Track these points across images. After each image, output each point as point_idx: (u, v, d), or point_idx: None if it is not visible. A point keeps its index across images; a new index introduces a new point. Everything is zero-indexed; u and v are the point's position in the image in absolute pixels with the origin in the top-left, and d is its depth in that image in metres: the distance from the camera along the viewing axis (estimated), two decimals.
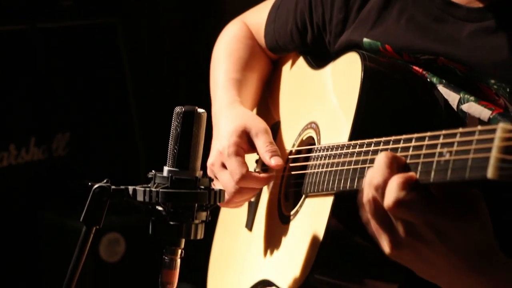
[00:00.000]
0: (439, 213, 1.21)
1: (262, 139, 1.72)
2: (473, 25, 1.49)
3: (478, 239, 1.21)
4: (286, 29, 1.84)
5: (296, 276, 1.59)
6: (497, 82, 1.46)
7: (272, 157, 1.69)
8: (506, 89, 1.45)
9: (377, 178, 1.25)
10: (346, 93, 1.59)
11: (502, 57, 1.44)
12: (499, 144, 1.13)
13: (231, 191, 1.70)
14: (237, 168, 1.69)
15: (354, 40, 1.64)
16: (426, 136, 1.28)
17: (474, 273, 1.23)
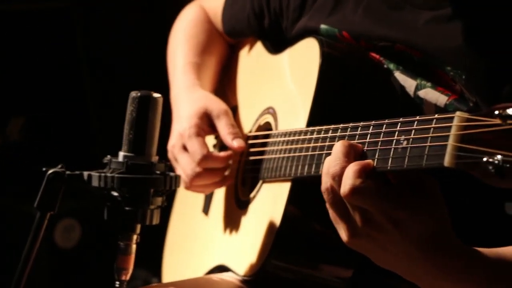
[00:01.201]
0: (396, 202, 1.21)
1: (223, 121, 1.72)
2: (429, 12, 1.50)
3: (434, 228, 1.22)
4: (243, 14, 1.83)
5: (252, 262, 1.59)
6: (453, 69, 1.47)
7: (234, 139, 1.70)
8: (462, 76, 1.46)
9: (334, 166, 1.25)
10: (304, 78, 1.59)
11: (457, 44, 1.45)
12: (456, 132, 1.13)
13: (191, 173, 1.69)
14: (198, 149, 1.69)
15: (311, 26, 1.64)
16: (384, 123, 1.29)
17: (429, 261, 1.24)
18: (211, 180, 1.72)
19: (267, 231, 1.57)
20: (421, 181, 1.22)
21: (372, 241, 1.25)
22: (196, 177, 1.70)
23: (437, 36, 1.48)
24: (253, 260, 1.59)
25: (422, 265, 1.24)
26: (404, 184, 1.23)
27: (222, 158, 1.71)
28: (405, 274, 1.28)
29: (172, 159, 1.76)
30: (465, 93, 1.47)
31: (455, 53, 1.46)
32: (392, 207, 1.21)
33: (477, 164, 1.08)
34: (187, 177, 1.71)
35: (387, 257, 1.26)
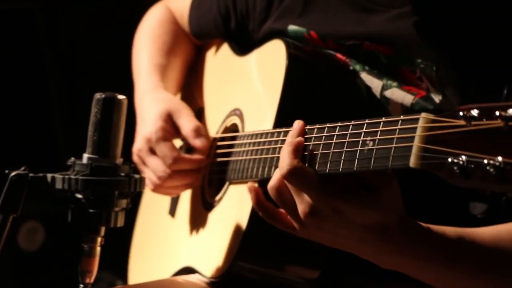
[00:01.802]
0: (339, 194, 1.25)
1: (185, 120, 1.72)
2: (396, 10, 1.51)
3: (378, 217, 1.25)
4: (210, 15, 1.82)
5: (219, 263, 1.58)
6: (423, 61, 1.48)
7: (197, 138, 1.69)
8: (432, 67, 1.47)
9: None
10: (271, 80, 1.59)
11: (425, 37, 1.46)
12: (421, 133, 1.14)
13: (162, 176, 1.69)
14: (169, 153, 1.68)
15: (278, 28, 1.64)
16: (350, 125, 1.29)
17: (377, 245, 1.27)
18: (182, 181, 1.72)
19: (234, 232, 1.57)
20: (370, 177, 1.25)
21: (320, 229, 1.28)
22: (168, 179, 1.70)
23: (406, 30, 1.49)
24: (220, 261, 1.58)
25: (369, 244, 1.28)
26: (354, 180, 1.26)
27: (193, 160, 1.70)
28: (360, 254, 1.32)
29: (138, 162, 1.75)
30: (432, 90, 1.48)
31: (423, 45, 1.47)
32: (334, 197, 1.25)
33: (442, 164, 1.08)
34: (159, 179, 1.70)
35: (339, 241, 1.30)
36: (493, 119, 1.03)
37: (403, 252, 1.29)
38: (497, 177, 1.01)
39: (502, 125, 1.02)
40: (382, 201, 1.25)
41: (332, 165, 1.29)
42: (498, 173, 1.01)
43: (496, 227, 1.34)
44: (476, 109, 1.06)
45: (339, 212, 1.26)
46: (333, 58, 1.58)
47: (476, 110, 1.06)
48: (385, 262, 1.32)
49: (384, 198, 1.25)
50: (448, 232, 1.31)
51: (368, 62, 1.54)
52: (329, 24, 1.58)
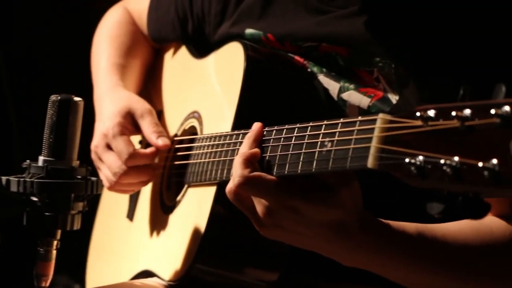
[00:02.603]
0: (297, 194, 1.26)
1: (147, 120, 1.71)
2: (351, 9, 1.51)
3: (337, 215, 1.26)
4: (167, 19, 1.82)
5: (177, 267, 1.57)
6: (382, 59, 1.48)
7: (159, 137, 1.68)
8: (391, 65, 1.47)
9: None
10: (229, 82, 1.58)
11: (383, 35, 1.47)
12: (379, 134, 1.14)
13: (119, 171, 1.67)
14: (124, 148, 1.67)
15: (235, 32, 1.65)
16: (309, 126, 1.29)
17: (338, 242, 1.29)
18: (138, 178, 1.71)
19: (192, 236, 1.56)
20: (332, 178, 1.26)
21: (280, 228, 1.29)
22: (123, 175, 1.68)
23: (362, 29, 1.49)
24: (178, 265, 1.57)
25: (335, 244, 1.29)
26: (312, 180, 1.27)
27: (149, 155, 1.69)
28: (322, 252, 1.32)
29: (95, 159, 1.74)
30: (389, 91, 1.48)
31: (381, 43, 1.47)
32: (292, 198, 1.25)
33: (399, 165, 1.08)
34: (114, 175, 1.68)
35: (300, 239, 1.30)
36: (450, 119, 1.04)
37: (364, 249, 1.30)
38: (454, 177, 1.02)
39: (459, 125, 1.03)
40: (340, 199, 1.26)
41: (291, 167, 1.29)
42: (454, 173, 1.02)
43: (458, 223, 1.36)
44: (433, 109, 1.07)
45: (298, 211, 1.26)
46: (291, 60, 1.58)
47: (433, 110, 1.07)
48: (346, 259, 1.32)
49: (342, 196, 1.26)
50: (408, 227, 1.33)
51: (326, 64, 1.55)
52: (286, 26, 1.59)
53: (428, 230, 1.33)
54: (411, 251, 1.32)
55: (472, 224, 1.36)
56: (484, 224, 1.37)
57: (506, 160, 0.97)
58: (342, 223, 1.27)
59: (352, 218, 1.27)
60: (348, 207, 1.26)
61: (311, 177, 1.27)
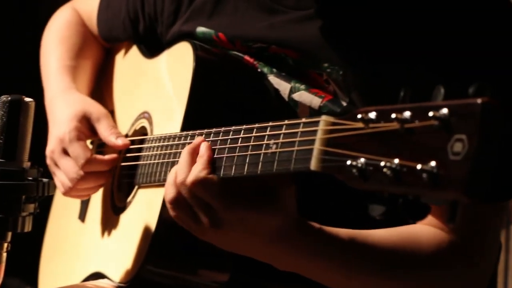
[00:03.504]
0: (241, 202, 1.27)
1: (104, 123, 1.70)
2: (303, 12, 1.52)
3: (276, 222, 1.28)
4: (118, 18, 1.81)
5: (128, 268, 1.57)
6: (330, 65, 1.49)
7: (118, 137, 1.68)
8: (339, 71, 1.48)
9: (181, 175, 1.32)
10: (179, 83, 1.58)
11: (332, 41, 1.47)
12: (322, 136, 1.15)
13: (76, 176, 1.66)
14: (82, 153, 1.66)
15: (186, 30, 1.64)
16: (254, 128, 1.29)
17: (274, 247, 1.31)
18: (94, 183, 1.70)
19: (142, 237, 1.55)
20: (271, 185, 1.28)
21: (219, 233, 1.30)
22: (80, 181, 1.67)
23: (312, 34, 1.50)
24: (129, 266, 1.57)
25: (271, 249, 1.32)
26: (254, 187, 1.28)
27: (107, 161, 1.68)
28: (259, 257, 1.35)
29: (51, 164, 1.72)
30: (339, 94, 1.49)
31: (330, 49, 1.48)
32: (237, 206, 1.27)
33: (341, 167, 1.09)
34: (71, 181, 1.67)
35: (239, 244, 1.33)
36: (390, 122, 1.05)
37: (299, 254, 1.32)
38: (394, 179, 1.03)
39: (398, 128, 1.04)
40: (281, 205, 1.27)
41: (237, 169, 1.29)
42: (394, 175, 1.03)
43: (389, 230, 1.38)
44: (374, 111, 1.08)
45: (241, 219, 1.28)
46: (241, 60, 1.58)
47: (374, 112, 1.08)
48: (281, 264, 1.34)
49: (283, 201, 1.27)
50: (341, 233, 1.35)
51: (276, 64, 1.55)
52: (237, 26, 1.59)
53: (360, 236, 1.36)
54: (343, 255, 1.34)
55: (402, 232, 1.39)
56: (413, 232, 1.40)
57: (444, 163, 0.98)
58: (281, 228, 1.28)
59: (290, 223, 1.29)
60: (287, 212, 1.28)
61: (253, 181, 1.28)
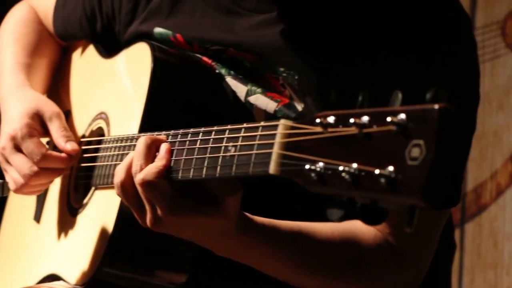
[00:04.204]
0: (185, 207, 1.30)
1: (56, 123, 1.68)
2: (261, 15, 1.52)
3: (215, 228, 1.32)
4: (75, 17, 1.79)
5: (84, 270, 1.56)
6: (286, 70, 1.49)
7: (68, 142, 1.65)
8: (295, 76, 1.48)
9: (135, 166, 1.33)
10: (137, 84, 1.57)
11: (288, 45, 1.48)
12: (281, 140, 1.15)
13: (27, 174, 1.64)
14: (36, 149, 1.63)
15: (144, 30, 1.63)
16: (213, 131, 1.29)
17: (217, 245, 1.36)
18: (48, 179, 1.68)
19: (99, 238, 1.54)
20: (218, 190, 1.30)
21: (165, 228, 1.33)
22: (33, 177, 1.65)
23: (269, 37, 1.50)
24: (85, 268, 1.56)
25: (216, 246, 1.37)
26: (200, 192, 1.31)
27: (63, 159, 1.66)
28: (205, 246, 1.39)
29: (2, 161, 1.70)
30: (295, 98, 1.50)
31: (287, 54, 1.49)
32: (181, 212, 1.30)
33: (300, 171, 1.09)
34: (24, 177, 1.65)
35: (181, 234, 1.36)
36: (348, 126, 1.05)
37: (239, 247, 1.37)
38: (352, 184, 1.03)
39: (357, 132, 1.04)
40: (226, 210, 1.30)
41: (196, 172, 1.29)
42: (352, 179, 1.03)
43: (333, 225, 1.41)
44: (333, 115, 1.08)
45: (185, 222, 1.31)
46: (199, 62, 1.58)
47: (333, 117, 1.08)
48: (222, 253, 1.39)
49: (227, 207, 1.30)
50: (285, 226, 1.39)
51: (233, 67, 1.55)
52: (194, 27, 1.58)
53: (304, 230, 1.40)
54: (287, 248, 1.39)
55: (344, 230, 1.42)
56: (354, 232, 1.44)
57: (402, 168, 0.99)
58: (222, 230, 1.32)
59: (232, 223, 1.32)
60: (231, 216, 1.31)
61: (200, 185, 1.30)
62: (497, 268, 2.90)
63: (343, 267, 1.44)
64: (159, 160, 1.33)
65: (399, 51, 1.43)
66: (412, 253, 1.47)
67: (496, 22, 2.88)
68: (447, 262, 1.70)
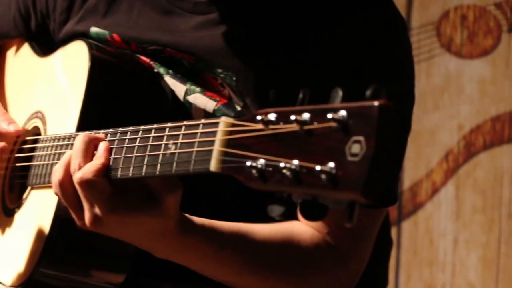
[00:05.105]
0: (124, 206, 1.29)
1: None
2: (199, 17, 1.52)
3: (153, 226, 1.31)
4: (9, 15, 1.77)
5: (20, 271, 1.54)
6: (223, 71, 1.49)
7: (10, 123, 1.63)
8: (232, 77, 1.49)
9: (74, 165, 1.33)
10: (73, 82, 1.56)
11: (226, 47, 1.48)
12: (221, 137, 1.15)
13: None
14: None
15: (80, 30, 1.62)
16: (153, 128, 1.28)
17: (155, 245, 1.36)
18: None
19: (36, 239, 1.52)
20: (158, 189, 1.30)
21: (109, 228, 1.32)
22: None
23: (207, 39, 1.50)
24: (21, 269, 1.53)
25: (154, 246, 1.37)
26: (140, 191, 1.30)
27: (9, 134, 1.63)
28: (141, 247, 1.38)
29: None
30: (233, 98, 1.50)
31: (224, 55, 1.49)
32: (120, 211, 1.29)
33: (241, 168, 1.10)
34: None
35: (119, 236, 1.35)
36: (289, 123, 1.06)
37: (183, 251, 1.37)
38: (293, 180, 1.04)
39: (298, 129, 1.05)
40: (164, 209, 1.29)
41: (135, 170, 1.28)
42: (294, 176, 1.04)
43: (272, 226, 1.42)
44: (274, 113, 1.08)
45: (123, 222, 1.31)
46: (137, 61, 1.57)
47: (274, 114, 1.08)
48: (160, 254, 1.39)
49: (166, 206, 1.29)
50: (223, 227, 1.40)
51: (172, 66, 1.55)
52: (131, 27, 1.57)
53: (242, 230, 1.41)
54: (222, 249, 1.40)
55: (283, 230, 1.44)
56: (292, 232, 1.45)
57: (342, 164, 1.00)
58: (162, 230, 1.32)
59: (171, 223, 1.32)
60: (170, 215, 1.30)
61: (140, 185, 1.29)
62: (433, 265, 2.95)
63: (283, 267, 1.45)
64: (98, 159, 1.31)
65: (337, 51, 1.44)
66: (350, 251, 1.48)
67: (431, 23, 2.92)
68: (385, 259, 1.73)
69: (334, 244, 1.46)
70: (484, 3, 2.89)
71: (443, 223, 2.94)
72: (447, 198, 2.93)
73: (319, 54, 1.44)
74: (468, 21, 2.90)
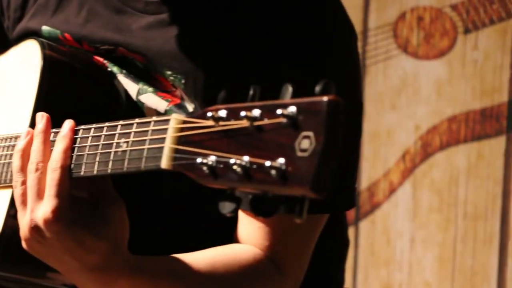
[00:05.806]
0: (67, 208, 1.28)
1: None
2: (150, 17, 1.51)
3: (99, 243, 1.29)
4: None
5: None
6: (173, 73, 1.49)
7: None
8: (181, 80, 1.48)
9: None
10: (26, 82, 1.54)
11: (176, 49, 1.48)
12: (172, 134, 1.15)
13: None
14: None
15: (32, 28, 1.60)
16: (105, 126, 1.28)
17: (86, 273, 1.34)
18: None
19: None
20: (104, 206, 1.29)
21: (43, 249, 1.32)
22: None
23: (157, 40, 1.50)
24: None
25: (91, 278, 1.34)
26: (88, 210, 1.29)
27: None
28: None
29: None
30: (185, 99, 1.50)
31: (174, 57, 1.48)
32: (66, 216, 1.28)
33: (192, 165, 1.09)
34: None
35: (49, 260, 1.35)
36: (240, 119, 1.06)
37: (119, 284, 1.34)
38: (244, 177, 1.04)
39: (248, 125, 1.05)
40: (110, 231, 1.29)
41: (87, 167, 1.28)
42: (244, 172, 1.04)
43: (212, 250, 1.42)
44: (224, 109, 1.09)
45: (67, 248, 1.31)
46: (91, 59, 1.56)
47: (224, 110, 1.09)
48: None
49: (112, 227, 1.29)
50: (163, 259, 1.37)
51: (125, 65, 1.54)
52: (82, 26, 1.56)
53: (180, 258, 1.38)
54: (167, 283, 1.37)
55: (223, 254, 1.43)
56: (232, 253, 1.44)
57: (292, 160, 1.00)
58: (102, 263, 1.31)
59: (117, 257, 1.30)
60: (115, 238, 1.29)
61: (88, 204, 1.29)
62: (390, 264, 2.97)
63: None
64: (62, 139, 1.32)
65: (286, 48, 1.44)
66: (290, 264, 1.48)
67: (388, 24, 2.95)
68: (341, 259, 1.73)
69: (275, 260, 1.46)
70: (440, 5, 2.92)
71: (400, 222, 2.96)
72: (404, 198, 2.95)
73: (269, 53, 1.44)
74: (424, 22, 2.93)
